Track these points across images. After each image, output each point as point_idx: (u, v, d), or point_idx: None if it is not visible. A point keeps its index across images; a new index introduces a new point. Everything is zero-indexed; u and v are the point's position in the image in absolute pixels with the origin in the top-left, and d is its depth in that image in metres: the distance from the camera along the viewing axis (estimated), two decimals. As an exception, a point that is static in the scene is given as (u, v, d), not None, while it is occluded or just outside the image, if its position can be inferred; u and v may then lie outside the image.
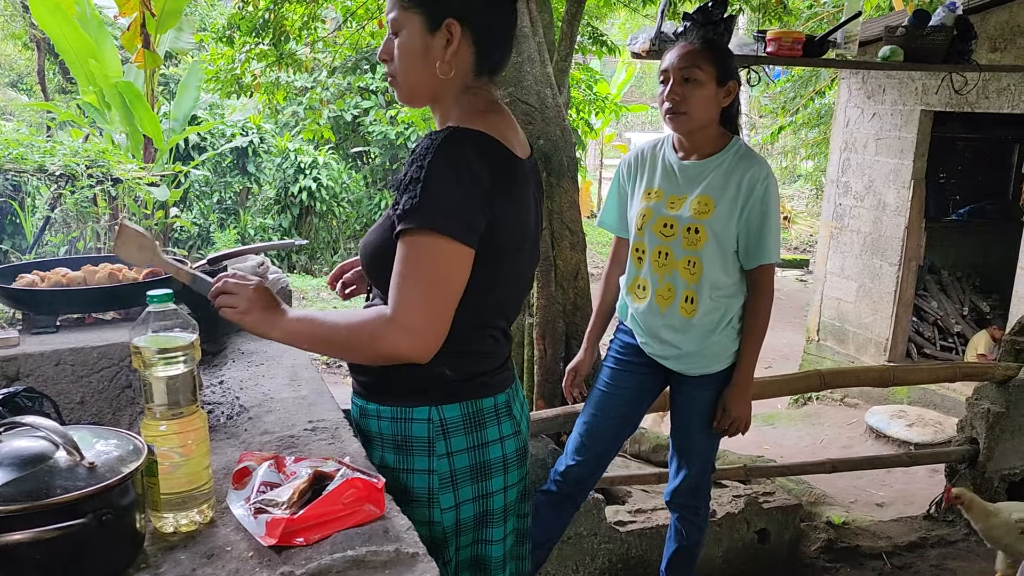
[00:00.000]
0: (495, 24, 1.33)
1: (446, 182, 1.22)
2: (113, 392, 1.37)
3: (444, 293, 1.24)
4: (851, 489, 4.42)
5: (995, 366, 3.21)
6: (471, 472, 1.36)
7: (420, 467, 1.34)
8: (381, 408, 1.37)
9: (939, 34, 2.96)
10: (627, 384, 2.28)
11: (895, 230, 6.01)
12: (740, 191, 2.05)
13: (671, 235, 2.11)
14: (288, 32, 5.67)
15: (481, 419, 1.37)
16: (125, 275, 1.71)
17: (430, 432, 1.33)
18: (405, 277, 1.22)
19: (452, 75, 1.30)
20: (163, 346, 1.11)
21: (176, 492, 1.14)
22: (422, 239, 1.22)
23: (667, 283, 2.14)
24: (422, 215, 1.21)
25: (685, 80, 2.04)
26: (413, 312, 1.21)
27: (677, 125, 2.09)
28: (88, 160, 6.52)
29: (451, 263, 1.23)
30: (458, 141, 1.24)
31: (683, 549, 2.37)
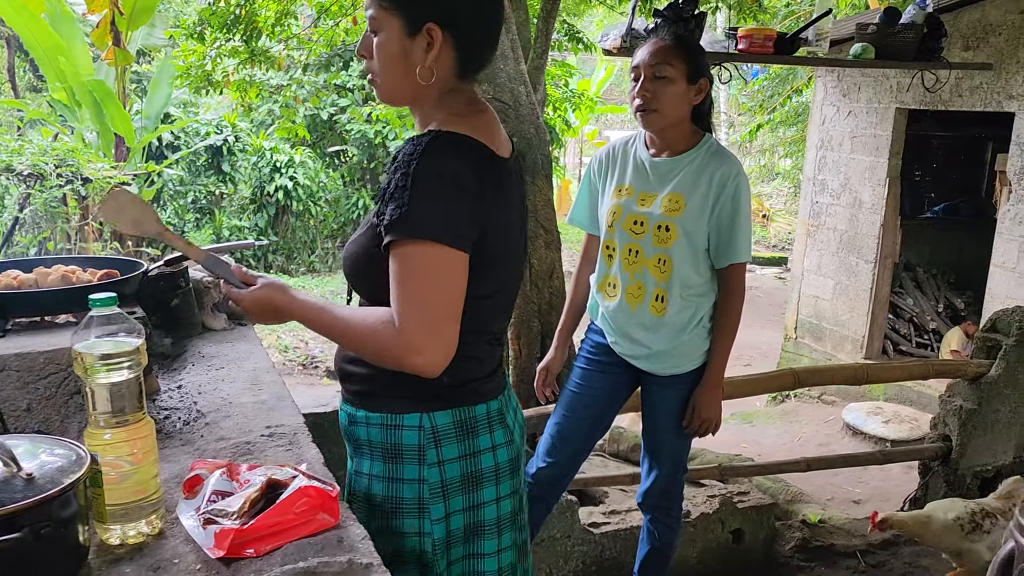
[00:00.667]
0: (479, 26, 1.27)
1: (434, 188, 1.18)
2: (61, 399, 1.33)
3: (447, 303, 1.19)
4: (828, 487, 4.43)
5: (967, 363, 3.22)
6: (462, 481, 1.31)
7: (410, 476, 1.29)
8: (370, 415, 1.31)
9: (910, 32, 2.96)
10: (598, 384, 2.26)
11: (871, 228, 6.04)
12: (711, 189, 2.04)
13: (641, 232, 2.10)
14: (260, 28, 5.59)
15: (473, 426, 1.32)
16: (79, 277, 1.66)
17: (421, 439, 1.28)
18: (405, 292, 1.18)
19: (433, 80, 1.25)
20: (106, 352, 1.07)
21: (122, 503, 1.10)
22: (415, 249, 1.17)
23: (637, 281, 2.12)
24: (412, 224, 1.16)
25: (656, 77, 2.02)
26: (419, 330, 1.17)
27: (647, 122, 2.07)
28: (57, 159, 6.42)
29: (449, 271, 1.19)
30: (443, 146, 1.20)
31: (656, 551, 2.36)
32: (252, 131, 10.84)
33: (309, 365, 7.11)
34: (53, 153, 6.48)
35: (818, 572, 2.90)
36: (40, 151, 6.46)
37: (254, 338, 2.01)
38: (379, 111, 9.30)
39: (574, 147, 15.82)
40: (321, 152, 11.33)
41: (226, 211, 10.75)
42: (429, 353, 1.17)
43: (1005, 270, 5.09)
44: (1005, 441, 3.23)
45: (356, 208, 11.20)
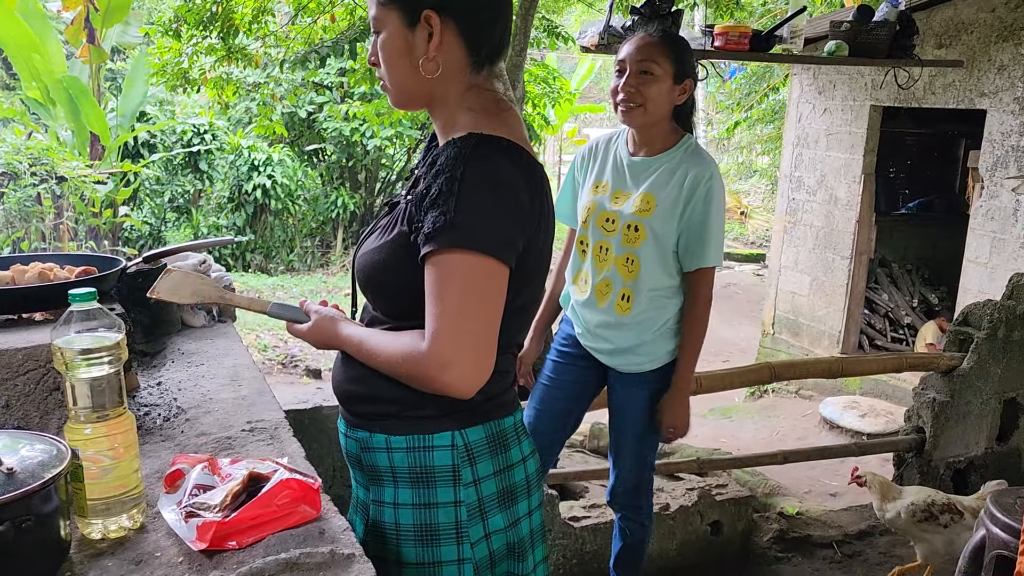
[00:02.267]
0: (481, 7, 1.18)
1: (483, 196, 1.10)
2: (40, 395, 1.32)
3: (487, 319, 1.13)
4: (805, 480, 4.48)
5: (940, 356, 3.27)
6: (499, 498, 1.25)
7: (445, 500, 1.21)
8: (392, 438, 1.22)
9: (882, 29, 3.01)
10: (567, 378, 2.27)
11: (847, 224, 6.11)
12: (682, 190, 2.02)
13: (612, 230, 2.09)
14: (237, 26, 5.56)
15: (504, 440, 1.26)
16: (56, 275, 1.65)
17: (454, 459, 1.21)
18: (444, 305, 1.10)
19: (440, 73, 1.17)
20: (86, 346, 1.07)
21: (104, 497, 1.10)
22: (460, 259, 1.10)
23: (605, 278, 2.12)
24: (459, 232, 1.09)
25: (642, 72, 2.00)
26: (452, 344, 1.10)
27: (630, 118, 2.05)
28: (31, 158, 6.35)
29: (492, 284, 1.12)
30: (490, 150, 1.13)
31: (628, 547, 2.37)
32: (230, 129, 10.76)
33: (289, 364, 7.08)
34: (27, 152, 6.41)
35: (795, 562, 2.94)
36: (14, 150, 6.40)
37: (234, 335, 2.01)
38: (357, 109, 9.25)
39: (554, 144, 15.84)
40: (299, 150, 11.27)
41: (204, 210, 10.66)
42: (460, 370, 1.11)
43: (977, 265, 5.17)
44: (977, 432, 3.29)
45: (335, 207, 11.15)
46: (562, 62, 12.85)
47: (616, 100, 2.06)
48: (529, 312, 1.30)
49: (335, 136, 10.78)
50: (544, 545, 1.38)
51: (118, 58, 10.14)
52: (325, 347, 1.29)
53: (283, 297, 9.15)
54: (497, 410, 1.25)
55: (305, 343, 1.32)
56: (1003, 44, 4.88)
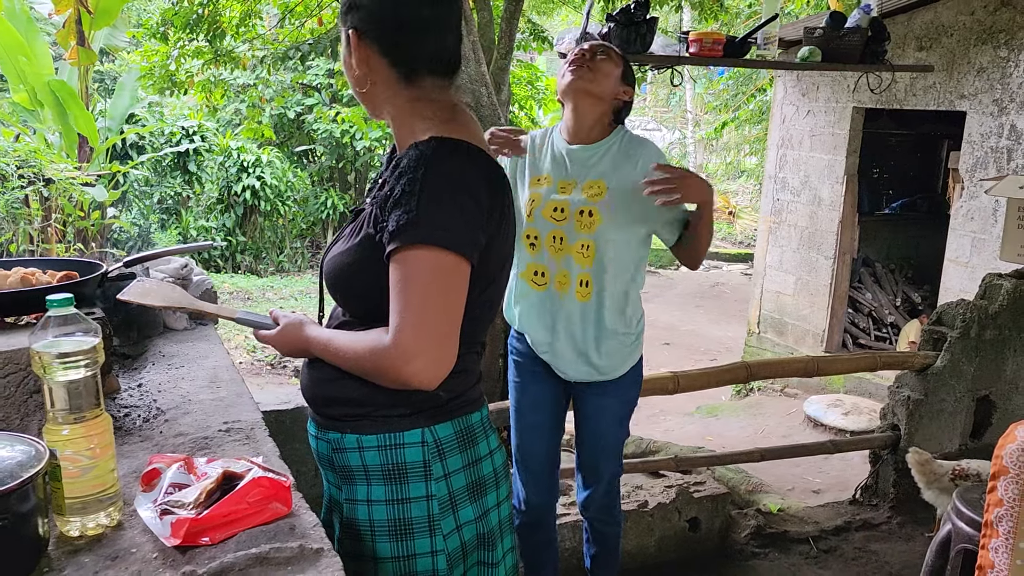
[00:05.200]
0: (397, 26, 1.23)
1: (445, 194, 1.16)
2: (20, 398, 1.36)
3: (448, 313, 1.17)
4: (788, 477, 4.55)
5: (915, 355, 3.33)
6: (468, 491, 1.30)
7: (417, 494, 1.26)
8: (364, 438, 1.26)
9: (854, 35, 3.06)
10: (536, 396, 2.25)
11: (830, 224, 6.18)
12: (636, 172, 2.03)
13: (562, 219, 2.08)
14: (224, 28, 5.58)
15: (472, 435, 1.31)
16: (38, 279, 1.68)
17: (425, 455, 1.26)
18: (407, 299, 1.15)
19: (373, 86, 1.26)
20: (64, 351, 1.11)
21: (81, 496, 1.14)
22: (422, 254, 1.15)
23: (563, 269, 2.10)
24: (422, 230, 1.14)
25: (595, 54, 2.07)
26: (414, 337, 1.14)
27: (578, 78, 2.03)
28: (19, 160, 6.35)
29: (454, 280, 1.17)
30: (449, 152, 1.18)
31: (608, 550, 2.37)
32: (219, 131, 10.78)
33: (278, 365, 7.11)
34: (15, 154, 6.41)
35: (772, 558, 2.99)
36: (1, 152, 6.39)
37: (215, 337, 2.04)
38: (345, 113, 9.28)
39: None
40: (289, 152, 11.29)
41: (193, 211, 10.67)
42: (423, 361, 1.15)
43: (958, 264, 5.24)
44: (951, 430, 3.35)
45: (325, 208, 11.18)
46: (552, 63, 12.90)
47: (568, 67, 2.06)
48: (492, 311, 1.34)
49: (325, 138, 10.80)
50: (512, 535, 1.44)
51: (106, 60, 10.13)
52: (293, 350, 1.33)
53: (272, 298, 9.17)
54: (464, 407, 1.31)
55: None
56: (982, 47, 4.96)
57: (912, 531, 3.18)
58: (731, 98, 10.70)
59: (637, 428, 5.30)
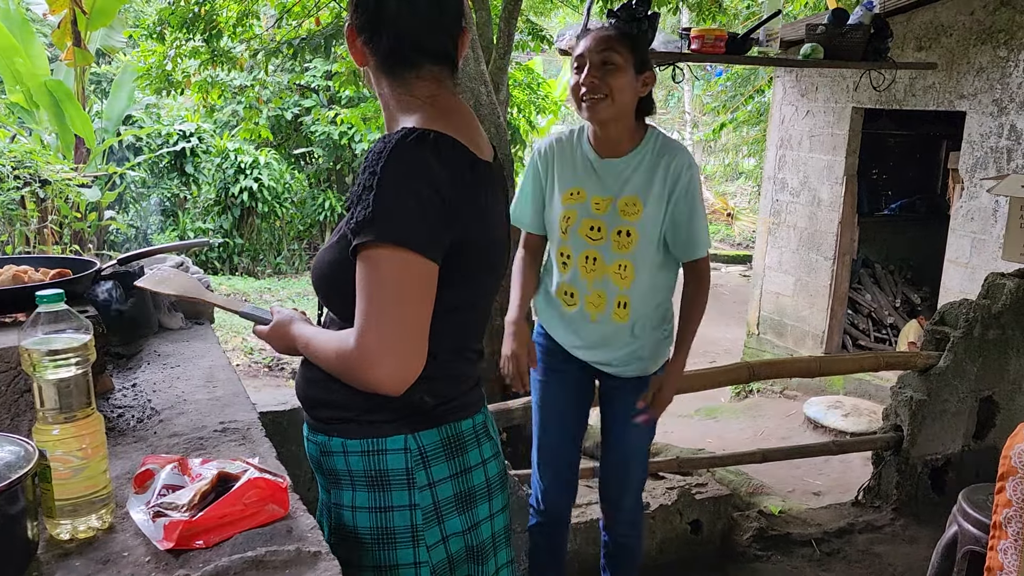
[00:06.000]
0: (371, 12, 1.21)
1: (402, 189, 1.11)
2: (11, 397, 1.33)
3: (412, 314, 1.12)
4: (789, 479, 4.52)
5: (917, 355, 3.30)
6: (456, 501, 1.25)
7: (400, 503, 1.22)
8: (348, 442, 1.23)
9: (857, 32, 3.04)
10: (561, 395, 2.21)
11: (829, 225, 6.16)
12: (665, 185, 1.97)
13: (599, 239, 2.00)
14: (221, 28, 5.55)
15: (461, 443, 1.26)
16: (31, 277, 1.65)
17: (408, 462, 1.21)
18: (367, 300, 1.11)
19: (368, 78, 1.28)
20: (53, 348, 1.08)
21: (72, 498, 1.11)
22: (380, 253, 1.10)
23: (597, 290, 2.03)
24: (378, 227, 1.09)
25: (603, 64, 1.93)
26: (376, 341, 1.10)
27: (596, 111, 1.95)
28: (14, 161, 6.32)
29: (415, 279, 1.11)
30: (413, 143, 1.13)
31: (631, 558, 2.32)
32: (216, 132, 10.74)
33: (275, 367, 7.08)
34: (10, 155, 6.38)
35: (774, 560, 2.96)
36: (-3, 153, 6.36)
37: (211, 336, 2.01)
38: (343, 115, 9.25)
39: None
40: (286, 153, 11.26)
41: (190, 213, 10.64)
42: (387, 366, 1.11)
43: (958, 265, 5.22)
44: (954, 430, 3.32)
45: (323, 209, 11.14)
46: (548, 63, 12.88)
47: (579, 95, 1.96)
48: (480, 313, 1.30)
49: (323, 139, 10.77)
50: (509, 548, 1.38)
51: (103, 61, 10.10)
52: (282, 347, 1.31)
53: (270, 300, 9.14)
54: (452, 413, 1.26)
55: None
56: (982, 47, 4.94)
57: (916, 533, 3.15)
58: (729, 99, 10.68)
59: (636, 430, 5.30)
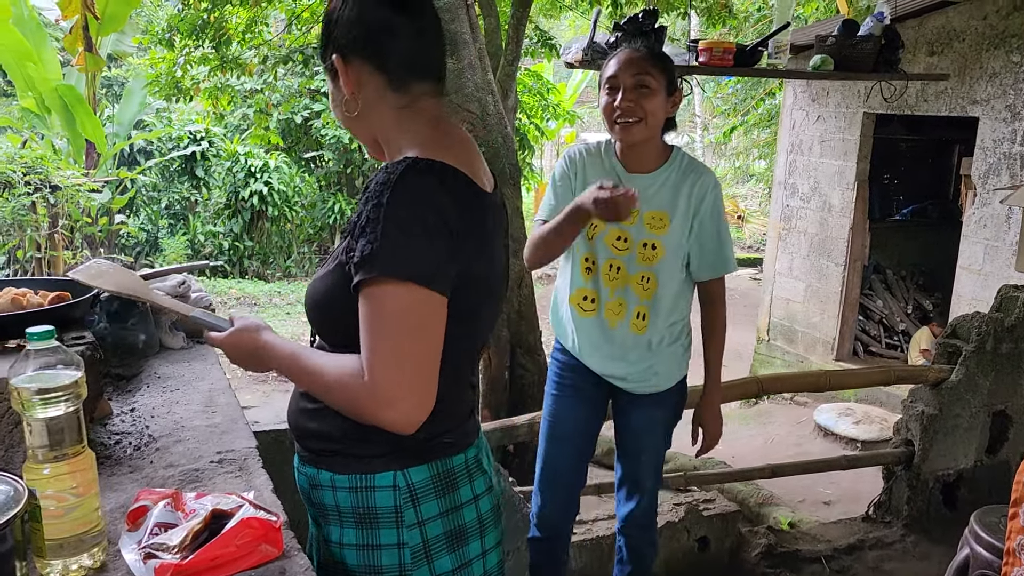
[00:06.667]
0: (379, 27, 1.17)
1: (409, 222, 1.07)
2: (6, 428, 1.31)
3: (424, 352, 1.09)
4: (799, 488, 4.47)
5: (928, 369, 3.26)
6: (447, 540, 1.21)
7: (388, 541, 1.18)
8: (336, 477, 1.19)
9: (867, 44, 3.00)
10: (573, 413, 2.20)
11: (840, 231, 6.11)
12: (690, 203, 2.02)
13: (625, 249, 2.03)
14: (230, 35, 5.56)
15: (452, 479, 1.22)
16: (29, 301, 1.64)
17: (396, 500, 1.17)
18: (376, 338, 1.07)
19: (364, 107, 1.19)
20: (43, 386, 1.07)
21: (63, 537, 1.09)
22: (389, 289, 1.06)
23: (618, 298, 2.05)
24: (384, 261, 1.06)
25: (638, 87, 1.95)
26: (391, 382, 1.06)
27: (630, 134, 1.98)
28: (25, 167, 6.35)
29: (426, 314, 1.08)
30: (419, 173, 1.09)
31: (643, 570, 2.32)
32: (226, 136, 10.77)
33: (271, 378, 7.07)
34: (21, 160, 6.41)
35: (783, 578, 2.93)
36: (8, 158, 6.39)
37: (212, 356, 2.00)
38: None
39: (551, 149, 15.84)
40: (296, 157, 11.28)
41: (200, 217, 10.67)
42: (404, 407, 1.07)
43: (971, 272, 5.17)
44: (966, 445, 3.28)
45: (332, 213, 11.15)
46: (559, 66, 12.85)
47: (613, 117, 1.99)
48: (477, 347, 1.28)
49: (332, 143, 10.78)
50: None
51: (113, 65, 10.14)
52: (244, 358, 1.23)
53: (279, 304, 9.15)
54: (444, 449, 1.22)
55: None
56: (995, 52, 4.88)
57: (927, 550, 3.11)
58: (740, 102, 10.62)
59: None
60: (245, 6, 5.68)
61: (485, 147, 3.70)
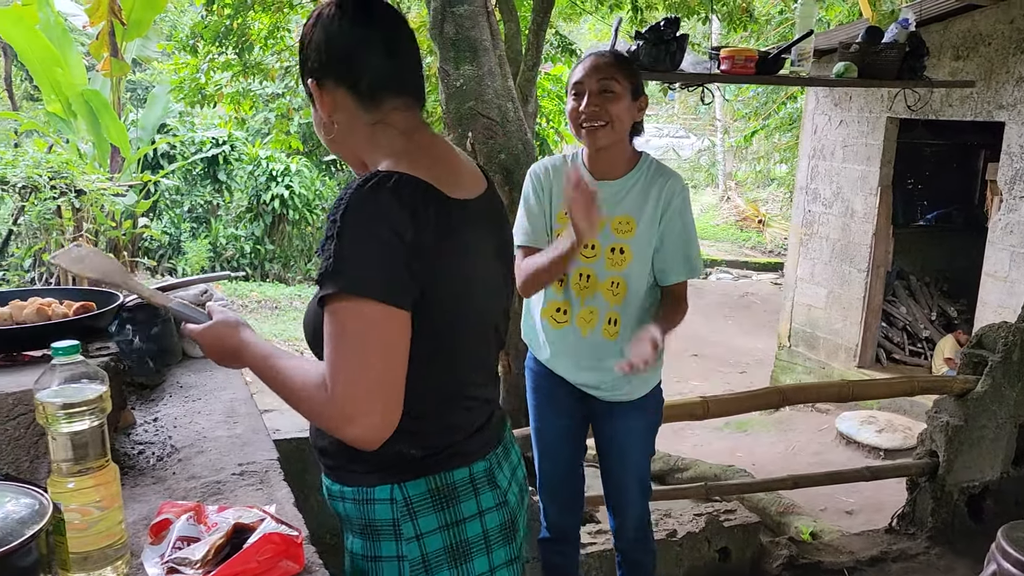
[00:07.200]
0: (340, 49, 1.19)
1: (361, 236, 1.08)
2: (31, 439, 1.33)
3: (382, 368, 1.08)
4: (821, 497, 4.43)
5: (953, 380, 3.22)
6: (448, 554, 1.20)
7: (388, 553, 1.19)
8: (344, 489, 1.22)
9: (892, 50, 2.97)
10: (555, 423, 2.22)
11: (863, 236, 6.05)
12: (657, 206, 2.02)
13: (593, 256, 2.05)
14: (252, 41, 5.61)
15: (453, 494, 1.20)
16: (54, 311, 1.66)
17: (394, 513, 1.18)
18: (335, 354, 1.08)
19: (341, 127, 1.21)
20: (68, 400, 1.07)
21: (87, 550, 1.10)
22: (343, 305, 1.07)
23: (589, 306, 2.07)
24: (338, 278, 1.07)
25: (603, 91, 1.98)
26: (349, 398, 1.06)
27: (596, 138, 2.00)
28: (51, 171, 6.42)
29: (383, 331, 1.08)
30: (372, 188, 1.10)
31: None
32: (248, 140, 10.86)
33: None
34: (47, 165, 6.49)
35: (805, 590, 2.90)
36: (35, 163, 6.47)
37: (234, 366, 2.01)
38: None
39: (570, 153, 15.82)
40: (317, 160, 11.34)
41: (222, 220, 10.75)
42: (365, 422, 1.07)
43: (996, 279, 5.10)
44: (992, 457, 3.23)
45: (352, 216, 11.19)
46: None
47: (579, 122, 2.01)
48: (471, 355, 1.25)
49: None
50: None
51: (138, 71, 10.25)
52: (221, 353, 1.24)
53: (299, 307, 9.19)
54: (444, 463, 1.20)
55: None
56: (1021, 56, 4.82)
57: (952, 563, 3.06)
58: (761, 106, 10.56)
59: (664, 443, 5.21)
60: (267, 12, 5.73)
61: (505, 153, 3.69)
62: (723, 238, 13.98)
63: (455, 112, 3.73)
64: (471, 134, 3.72)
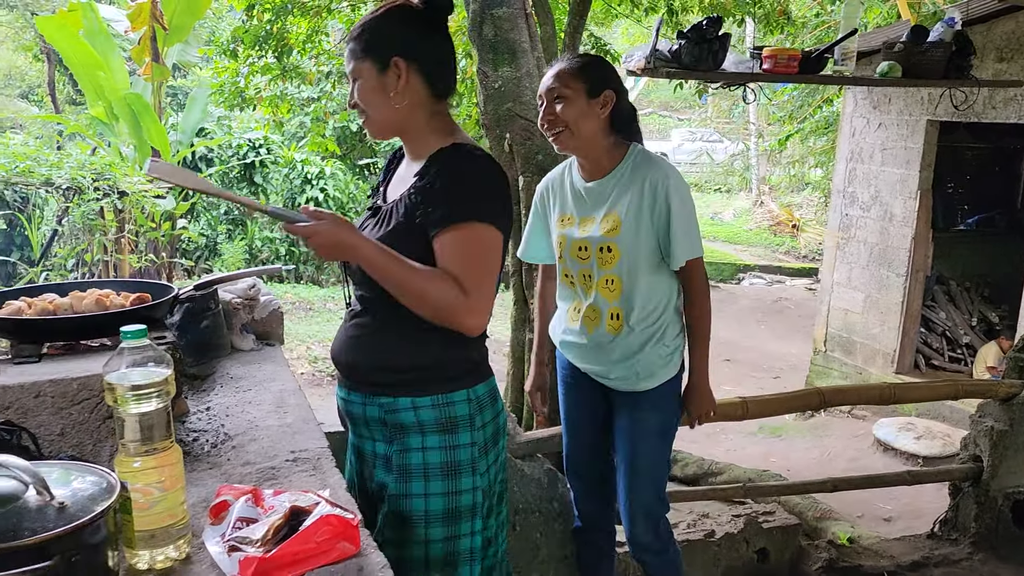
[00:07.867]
0: (434, 51, 1.53)
1: (483, 184, 1.47)
2: (94, 423, 1.37)
3: (495, 276, 1.48)
4: (857, 503, 4.37)
5: (998, 384, 3.17)
6: (493, 439, 1.58)
7: (464, 441, 1.52)
8: (418, 399, 1.49)
9: (937, 50, 2.93)
10: (579, 407, 2.31)
11: (902, 240, 5.97)
12: (643, 199, 2.04)
13: (586, 257, 2.12)
14: (291, 45, 5.69)
15: (495, 394, 1.60)
16: (112, 302, 1.70)
17: (471, 410, 1.53)
18: (472, 263, 1.42)
19: (406, 104, 1.50)
20: (136, 383, 1.11)
21: (151, 528, 1.13)
22: (480, 229, 1.43)
23: (591, 304, 2.14)
24: (478, 210, 1.43)
25: (555, 99, 2.04)
26: (483, 297, 1.43)
27: (560, 143, 2.08)
28: (95, 173, 6.57)
29: (499, 250, 1.47)
30: (481, 155, 1.50)
31: None
32: (284, 143, 10.99)
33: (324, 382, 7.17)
34: (91, 167, 6.63)
35: (845, 594, 2.87)
36: (79, 165, 6.62)
37: (280, 358, 2.05)
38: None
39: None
40: (351, 164, 11.45)
41: (258, 223, 10.89)
42: (482, 316, 1.45)
43: (1040, 284, 5.00)
44: (1038, 462, 3.18)
45: (386, 219, 11.28)
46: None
47: (544, 131, 2.10)
48: None
49: (387, 150, 10.92)
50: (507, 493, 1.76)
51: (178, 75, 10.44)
52: (332, 247, 1.39)
53: (333, 308, 9.28)
54: (488, 371, 1.60)
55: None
56: (1068, 57, 4.73)
57: (995, 569, 3.01)
58: (796, 109, 10.46)
59: (698, 446, 5.19)
60: (306, 17, 5.81)
61: (543, 154, 3.71)
62: (756, 243, 13.86)
63: (493, 113, 3.76)
64: (509, 135, 3.74)
